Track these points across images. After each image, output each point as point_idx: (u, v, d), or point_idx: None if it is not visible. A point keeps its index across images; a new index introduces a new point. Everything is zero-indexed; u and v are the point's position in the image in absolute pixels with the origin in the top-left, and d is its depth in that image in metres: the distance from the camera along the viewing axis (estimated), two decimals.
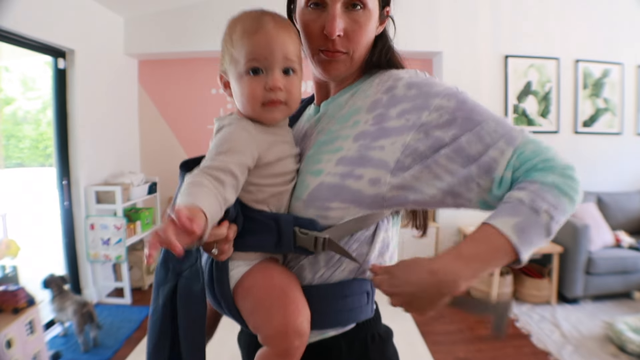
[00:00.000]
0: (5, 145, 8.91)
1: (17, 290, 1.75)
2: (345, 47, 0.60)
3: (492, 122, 0.55)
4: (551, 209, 0.52)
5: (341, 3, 0.57)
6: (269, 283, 0.57)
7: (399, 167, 0.55)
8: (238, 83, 0.58)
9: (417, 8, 3.20)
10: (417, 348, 2.18)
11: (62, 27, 2.46)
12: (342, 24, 0.57)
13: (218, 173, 0.52)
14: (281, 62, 0.57)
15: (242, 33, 0.58)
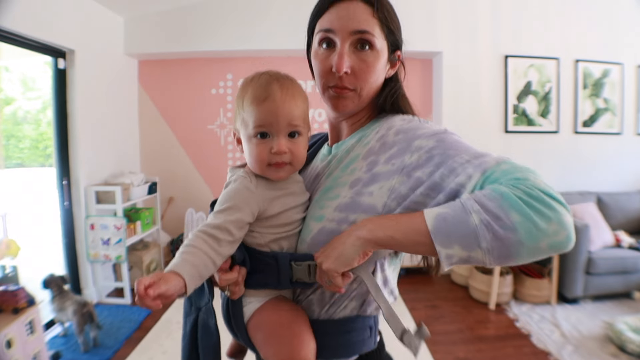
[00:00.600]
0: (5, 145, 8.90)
1: (17, 290, 1.75)
2: (352, 84, 0.63)
3: (465, 154, 0.55)
4: (486, 213, 0.47)
5: (350, 43, 0.62)
6: (277, 319, 0.63)
7: (386, 210, 0.59)
8: (247, 144, 0.64)
9: (417, 8, 3.20)
10: None
11: (62, 27, 2.46)
12: (349, 62, 0.62)
13: (214, 231, 0.59)
14: (286, 128, 0.62)
15: (252, 99, 0.62)
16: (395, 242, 0.54)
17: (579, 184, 3.41)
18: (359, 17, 0.61)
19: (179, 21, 3.21)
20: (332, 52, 0.63)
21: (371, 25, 0.62)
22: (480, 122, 3.33)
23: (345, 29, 0.61)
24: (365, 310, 0.66)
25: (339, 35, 0.62)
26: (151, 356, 2.12)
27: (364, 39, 0.62)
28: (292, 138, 0.63)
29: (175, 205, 3.57)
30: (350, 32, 0.61)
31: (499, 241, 0.46)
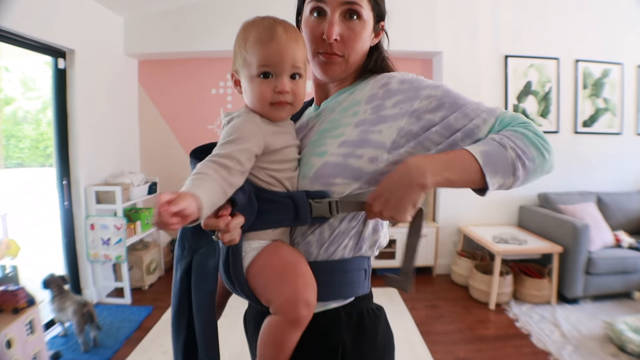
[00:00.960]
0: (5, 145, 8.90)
1: (17, 290, 1.75)
2: (341, 51, 0.69)
3: (474, 103, 0.66)
4: (517, 149, 0.60)
5: (339, 13, 0.67)
6: (279, 261, 0.65)
7: (394, 146, 0.65)
8: (249, 84, 0.66)
9: (417, 8, 3.20)
10: (416, 348, 2.18)
11: (62, 27, 2.46)
12: (339, 30, 0.67)
13: (224, 160, 0.58)
14: (289, 69, 0.64)
15: (256, 40, 0.64)
16: (449, 182, 0.61)
17: (579, 184, 3.41)
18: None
19: (179, 21, 3.21)
20: (323, 21, 0.68)
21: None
22: None
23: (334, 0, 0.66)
24: (361, 248, 0.70)
25: (330, 5, 0.67)
26: (151, 356, 2.12)
27: (352, 9, 0.67)
28: (293, 79, 0.66)
29: None
30: (340, 2, 0.66)
31: (525, 169, 0.61)
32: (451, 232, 3.43)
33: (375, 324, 0.72)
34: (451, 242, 3.44)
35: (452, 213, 3.40)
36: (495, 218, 3.42)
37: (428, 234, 3.30)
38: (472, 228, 3.24)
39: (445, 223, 3.40)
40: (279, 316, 0.63)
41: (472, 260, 3.13)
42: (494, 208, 3.42)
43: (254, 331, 0.73)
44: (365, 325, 0.70)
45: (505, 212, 3.43)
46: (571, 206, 2.97)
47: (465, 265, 3.09)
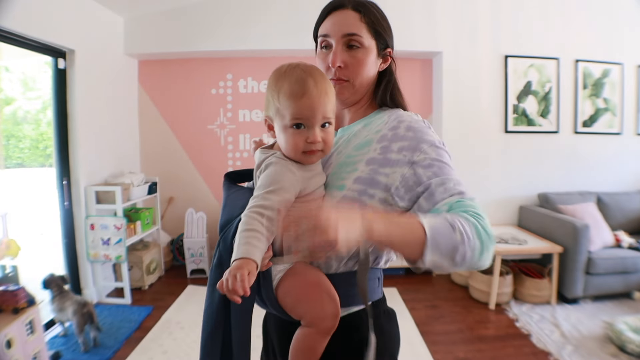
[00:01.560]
0: (5, 145, 8.90)
1: (17, 290, 1.75)
2: (346, 76, 0.77)
3: (453, 176, 0.70)
4: (465, 234, 0.60)
5: (342, 44, 0.76)
6: (303, 282, 0.71)
7: (395, 193, 0.71)
8: (283, 133, 0.71)
9: (417, 8, 3.20)
10: (416, 348, 2.18)
11: (62, 27, 2.46)
12: (341, 57, 0.75)
13: (268, 212, 0.64)
14: (320, 120, 0.69)
15: (288, 94, 0.68)
16: (389, 241, 0.60)
17: (579, 184, 3.41)
18: (349, 22, 0.75)
19: (179, 21, 3.21)
20: (329, 52, 0.77)
21: (359, 28, 0.75)
22: (480, 122, 3.33)
23: (337, 33, 0.75)
24: (378, 263, 0.79)
25: (333, 38, 0.76)
26: (151, 356, 2.12)
27: (352, 40, 0.75)
28: (324, 128, 0.71)
29: (175, 205, 3.57)
30: (342, 35, 0.75)
31: (463, 256, 0.60)
32: None
33: (390, 322, 0.81)
34: None
35: None
36: (495, 218, 3.42)
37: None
38: None
39: None
40: (311, 328, 0.70)
41: None
42: (494, 208, 3.42)
43: (277, 332, 0.83)
44: (383, 324, 0.78)
45: (505, 212, 3.43)
46: (571, 206, 2.97)
47: None
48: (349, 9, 0.75)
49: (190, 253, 3.34)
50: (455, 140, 3.33)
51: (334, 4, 0.77)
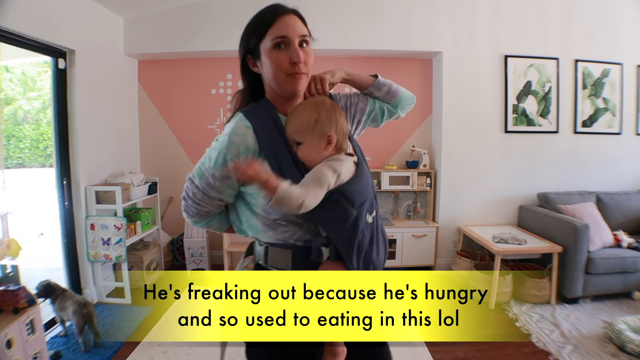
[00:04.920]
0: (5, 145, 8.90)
1: (17, 290, 1.75)
2: (304, 69, 0.88)
3: None
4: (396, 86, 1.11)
5: (297, 42, 0.86)
6: None
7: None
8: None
9: (417, 8, 3.20)
10: (416, 348, 2.19)
11: (62, 27, 2.46)
12: (301, 53, 0.86)
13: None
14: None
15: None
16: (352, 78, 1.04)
17: (578, 183, 3.41)
18: (299, 26, 0.87)
19: (179, 21, 3.21)
20: (286, 51, 0.85)
21: (305, 30, 0.88)
22: (480, 122, 3.33)
23: (295, 34, 0.85)
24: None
25: (292, 38, 0.85)
26: (151, 356, 2.12)
27: (304, 39, 0.87)
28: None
29: (175, 205, 3.57)
30: (298, 36, 0.86)
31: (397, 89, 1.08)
32: (451, 232, 3.43)
33: None
34: (451, 241, 3.44)
35: (452, 213, 3.40)
36: (495, 218, 3.42)
37: (428, 234, 3.30)
38: (472, 228, 3.24)
39: (445, 223, 3.40)
40: None
41: (472, 260, 3.13)
42: (493, 208, 3.42)
43: None
44: None
45: (505, 212, 3.44)
46: (571, 206, 2.97)
47: (465, 265, 3.09)
48: (292, 15, 0.87)
49: (191, 253, 3.34)
50: (455, 140, 3.34)
51: (278, 10, 0.86)
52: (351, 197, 0.83)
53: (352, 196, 0.83)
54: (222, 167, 0.84)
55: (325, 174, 0.81)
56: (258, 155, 0.85)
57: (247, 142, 0.84)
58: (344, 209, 0.82)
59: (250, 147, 0.84)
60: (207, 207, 0.92)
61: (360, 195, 0.85)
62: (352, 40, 3.20)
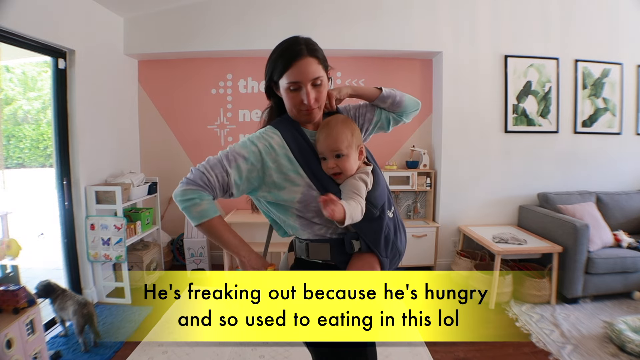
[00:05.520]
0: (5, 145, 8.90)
1: (17, 290, 1.75)
2: (316, 106, 0.97)
3: None
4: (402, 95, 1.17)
5: (310, 84, 0.94)
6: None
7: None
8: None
9: (417, 8, 3.20)
10: (416, 348, 2.19)
11: (62, 27, 2.46)
12: (313, 95, 0.95)
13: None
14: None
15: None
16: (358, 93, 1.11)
17: (578, 183, 3.41)
18: (312, 69, 0.94)
19: (179, 21, 3.21)
20: (299, 92, 0.94)
21: (319, 71, 0.95)
22: (480, 122, 3.33)
23: (306, 79, 0.93)
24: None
25: (304, 83, 0.93)
26: (151, 356, 2.12)
27: (317, 80, 0.95)
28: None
29: (175, 205, 3.56)
30: (310, 80, 0.94)
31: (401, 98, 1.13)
32: (451, 232, 3.43)
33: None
34: (451, 241, 3.44)
35: (452, 213, 3.40)
36: (495, 218, 3.42)
37: (428, 234, 3.30)
38: (472, 228, 3.24)
39: (445, 223, 3.40)
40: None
41: (472, 260, 3.13)
42: (493, 208, 3.42)
43: None
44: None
45: (505, 212, 3.44)
46: (571, 206, 2.97)
47: (465, 265, 3.09)
48: (307, 57, 0.93)
49: (191, 253, 3.34)
50: (455, 140, 3.34)
51: (294, 54, 0.92)
52: (374, 201, 0.95)
53: (375, 201, 0.95)
54: (244, 148, 0.94)
55: (361, 187, 0.94)
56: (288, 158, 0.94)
57: (276, 141, 0.95)
58: (369, 211, 0.93)
59: (278, 147, 0.95)
60: (210, 176, 0.91)
61: (380, 198, 0.97)
62: (352, 40, 3.20)
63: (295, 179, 0.94)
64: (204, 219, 0.91)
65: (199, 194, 0.91)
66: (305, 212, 0.95)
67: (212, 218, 0.92)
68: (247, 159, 0.92)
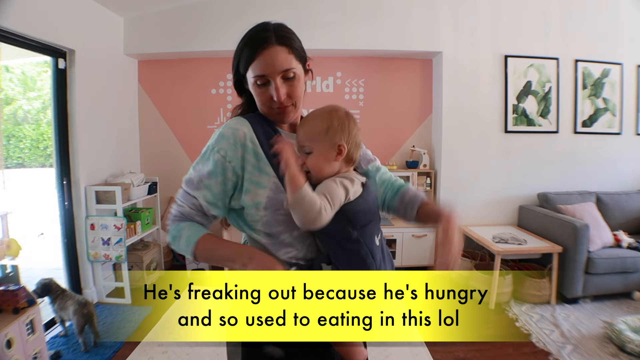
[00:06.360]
0: (5, 145, 8.91)
1: (17, 290, 1.75)
2: (289, 102, 0.84)
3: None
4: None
5: (279, 77, 0.81)
6: None
7: None
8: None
9: (417, 8, 3.20)
10: (416, 348, 2.19)
11: (62, 27, 2.46)
12: (283, 90, 0.82)
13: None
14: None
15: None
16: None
17: (578, 183, 3.41)
18: (281, 59, 0.80)
19: (179, 21, 3.21)
20: (268, 87, 0.82)
21: (289, 61, 0.81)
22: (480, 122, 3.33)
23: (274, 72, 0.80)
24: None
25: (271, 76, 0.81)
26: (151, 356, 2.12)
27: (288, 73, 0.82)
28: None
29: None
30: (278, 72, 0.80)
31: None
32: None
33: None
34: None
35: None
36: (495, 218, 3.42)
37: (428, 234, 3.30)
38: (472, 228, 3.24)
39: None
40: None
41: (472, 260, 3.13)
42: (493, 208, 3.42)
43: None
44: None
45: (505, 212, 3.43)
46: (571, 206, 2.97)
47: (465, 265, 3.09)
48: (275, 45, 0.80)
49: None
50: (455, 140, 3.34)
51: (259, 42, 0.79)
52: (353, 218, 0.81)
53: (354, 217, 0.81)
54: (205, 162, 0.83)
55: (336, 190, 0.78)
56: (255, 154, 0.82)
57: (242, 133, 0.82)
58: (345, 229, 0.80)
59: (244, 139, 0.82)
60: (182, 208, 0.87)
61: (364, 217, 0.83)
62: (352, 40, 3.20)
63: (261, 179, 0.82)
64: (190, 245, 0.83)
65: (177, 227, 0.85)
66: (273, 225, 0.83)
67: (198, 240, 0.83)
68: (213, 173, 0.82)
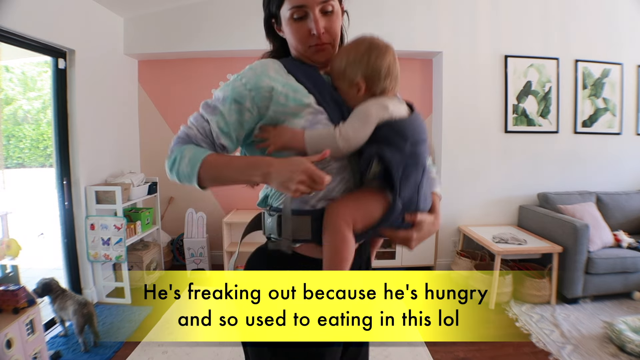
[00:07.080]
0: (5, 145, 8.91)
1: (17, 290, 1.75)
2: (328, 40, 0.80)
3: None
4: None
5: (318, 10, 0.77)
6: None
7: None
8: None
9: (417, 8, 3.20)
10: (416, 348, 2.19)
11: (62, 27, 2.46)
12: (323, 23, 0.78)
13: None
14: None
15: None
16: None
17: (578, 183, 3.41)
18: None
19: (179, 21, 3.21)
20: (305, 21, 0.77)
21: None
22: (480, 122, 3.33)
23: (314, 2, 0.76)
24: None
25: (310, 7, 0.76)
26: (151, 356, 2.12)
27: (327, 5, 0.78)
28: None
29: (175, 205, 3.57)
30: (318, 2, 0.76)
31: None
32: (451, 232, 3.43)
33: None
34: (451, 241, 3.44)
35: (452, 213, 3.40)
36: (495, 218, 3.42)
37: None
38: (472, 228, 3.24)
39: (445, 223, 3.40)
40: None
41: (472, 260, 3.13)
42: (493, 208, 3.42)
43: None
44: None
45: (505, 212, 3.43)
46: (571, 206, 2.97)
47: (465, 265, 3.09)
48: None
49: (191, 253, 3.34)
50: (455, 140, 3.33)
51: None
52: (403, 130, 0.74)
53: (405, 130, 0.74)
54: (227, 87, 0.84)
55: (369, 108, 0.74)
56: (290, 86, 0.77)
57: (273, 68, 0.78)
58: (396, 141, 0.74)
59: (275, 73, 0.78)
60: (190, 130, 0.86)
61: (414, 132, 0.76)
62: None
63: (297, 109, 0.76)
64: (195, 165, 0.74)
65: (180, 148, 0.79)
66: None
67: (205, 157, 0.75)
68: (233, 99, 0.79)
